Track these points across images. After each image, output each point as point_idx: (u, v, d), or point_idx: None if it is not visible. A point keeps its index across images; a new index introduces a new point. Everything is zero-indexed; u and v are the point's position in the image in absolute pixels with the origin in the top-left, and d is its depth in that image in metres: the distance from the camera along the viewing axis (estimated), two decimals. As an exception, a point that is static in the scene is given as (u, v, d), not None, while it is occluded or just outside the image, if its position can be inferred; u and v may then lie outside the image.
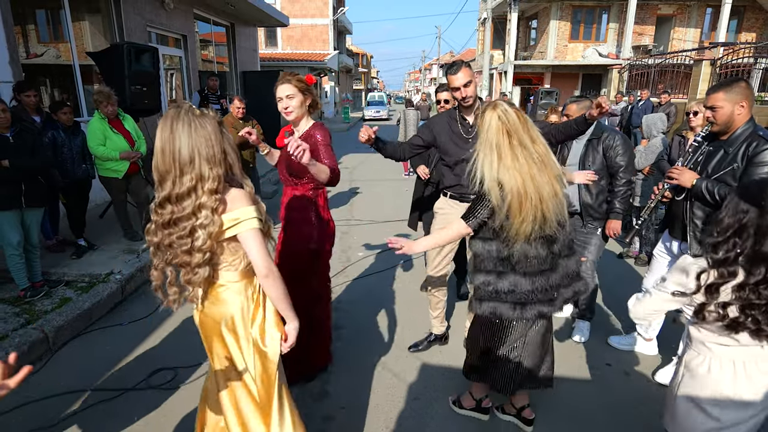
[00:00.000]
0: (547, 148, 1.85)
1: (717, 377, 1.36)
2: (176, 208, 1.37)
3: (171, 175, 1.36)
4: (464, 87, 2.44)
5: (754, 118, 2.25)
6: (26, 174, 3.23)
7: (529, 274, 1.85)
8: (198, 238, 1.38)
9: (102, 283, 3.70)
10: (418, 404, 2.49)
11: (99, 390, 2.57)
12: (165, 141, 1.35)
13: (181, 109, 1.38)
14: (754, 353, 1.33)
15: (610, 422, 2.36)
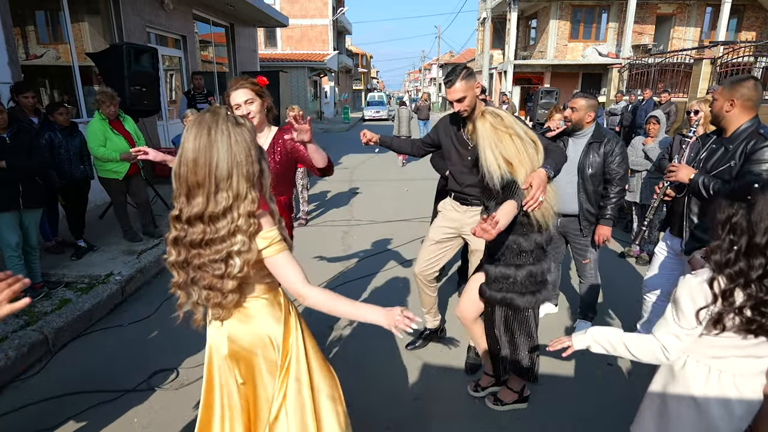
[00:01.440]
0: (536, 138, 2.03)
1: (690, 376, 1.36)
2: (209, 229, 1.23)
3: (203, 189, 1.21)
4: (457, 102, 2.35)
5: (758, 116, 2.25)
6: (23, 175, 3.22)
7: (539, 262, 2.03)
8: (234, 265, 1.25)
9: (102, 284, 3.69)
10: (419, 404, 2.48)
11: (99, 392, 2.56)
12: (200, 150, 1.20)
13: (218, 115, 1.24)
14: (735, 365, 1.32)
15: (611, 422, 2.35)
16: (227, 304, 1.33)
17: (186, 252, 1.29)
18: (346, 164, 10.73)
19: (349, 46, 38.53)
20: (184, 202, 1.25)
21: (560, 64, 18.62)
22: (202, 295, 1.32)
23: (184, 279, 1.32)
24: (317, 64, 20.53)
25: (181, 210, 1.25)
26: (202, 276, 1.29)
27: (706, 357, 1.35)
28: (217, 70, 10.60)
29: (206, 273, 1.28)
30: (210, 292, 1.30)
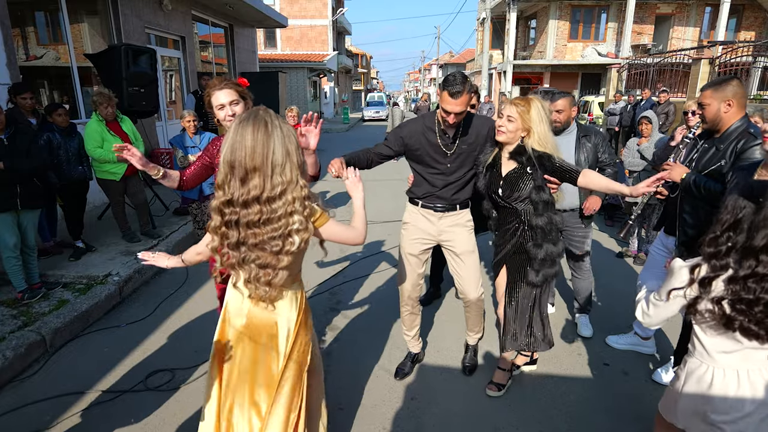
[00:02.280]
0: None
1: (721, 387, 1.36)
2: (265, 209, 1.37)
3: (260, 173, 1.35)
4: (457, 115, 2.22)
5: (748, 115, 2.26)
6: (21, 176, 3.23)
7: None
8: (293, 242, 1.41)
9: (100, 284, 3.70)
10: (415, 404, 2.49)
11: (96, 392, 2.56)
12: (258, 140, 1.35)
13: (269, 113, 1.41)
14: (758, 360, 1.34)
15: (608, 422, 2.35)
16: (277, 283, 1.45)
17: (241, 232, 1.40)
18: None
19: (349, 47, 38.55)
20: (238, 186, 1.36)
21: (559, 64, 18.64)
22: (253, 274, 1.43)
23: (237, 259, 1.42)
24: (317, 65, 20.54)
25: (233, 194, 1.37)
26: (257, 255, 1.41)
27: (726, 363, 1.37)
28: (216, 70, 10.61)
29: (263, 251, 1.41)
30: (263, 271, 1.42)
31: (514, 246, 2.34)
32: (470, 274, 2.49)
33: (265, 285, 1.45)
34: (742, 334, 1.28)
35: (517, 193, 2.24)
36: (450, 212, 2.48)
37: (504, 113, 2.21)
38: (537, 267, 2.26)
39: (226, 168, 1.37)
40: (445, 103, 2.19)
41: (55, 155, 3.94)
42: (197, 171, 2.25)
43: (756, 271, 1.22)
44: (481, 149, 2.39)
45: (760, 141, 2.07)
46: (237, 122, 1.39)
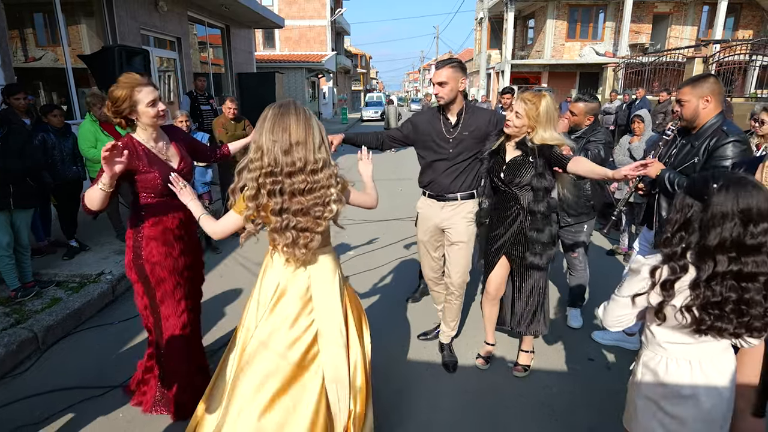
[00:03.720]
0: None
1: (675, 376, 1.36)
2: (310, 179, 1.57)
3: (303, 145, 1.55)
4: (438, 85, 2.47)
5: (732, 112, 2.30)
6: (14, 176, 3.26)
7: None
8: (332, 210, 1.62)
9: (93, 283, 3.74)
10: (402, 398, 2.52)
11: (85, 387, 2.60)
12: (300, 120, 1.56)
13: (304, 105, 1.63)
14: (710, 351, 1.34)
15: (589, 416, 2.39)
16: (313, 246, 1.65)
17: (286, 200, 1.58)
18: (342, 165, 10.70)
19: (348, 47, 38.58)
20: (279, 157, 1.54)
21: (557, 64, 18.65)
22: (293, 238, 1.62)
23: (280, 224, 1.60)
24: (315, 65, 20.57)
25: (277, 163, 1.55)
26: (299, 220, 1.60)
27: (680, 354, 1.36)
28: (213, 71, 10.65)
29: (305, 216, 1.61)
30: (303, 234, 1.62)
31: (514, 234, 2.45)
32: (459, 260, 2.66)
33: (302, 248, 1.63)
34: (714, 335, 1.26)
35: (519, 179, 2.37)
36: (451, 202, 2.64)
37: (513, 108, 2.33)
38: (540, 250, 2.39)
39: (267, 142, 1.55)
40: (432, 76, 2.52)
41: (50, 155, 3.98)
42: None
43: (716, 272, 1.20)
44: (483, 139, 2.54)
45: (732, 139, 2.11)
46: (275, 106, 1.59)
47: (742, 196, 1.17)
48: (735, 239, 1.17)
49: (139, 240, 2.13)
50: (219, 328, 3.27)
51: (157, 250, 2.13)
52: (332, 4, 25.75)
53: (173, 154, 2.20)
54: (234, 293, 3.88)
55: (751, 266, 1.17)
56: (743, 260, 1.17)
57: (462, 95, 2.55)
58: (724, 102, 2.30)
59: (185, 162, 2.23)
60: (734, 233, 1.17)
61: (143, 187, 2.08)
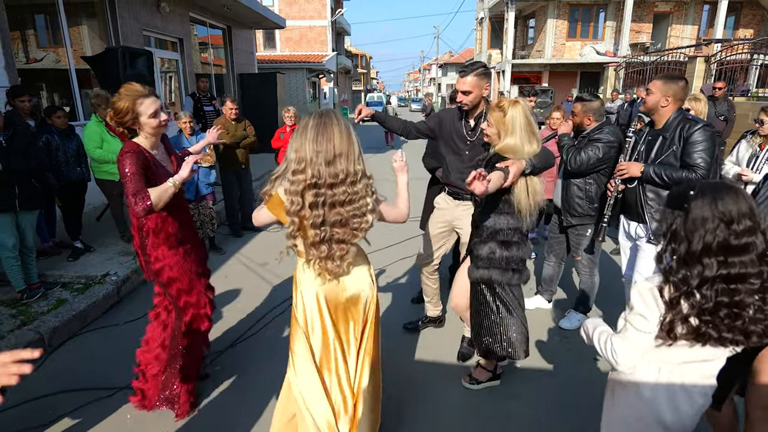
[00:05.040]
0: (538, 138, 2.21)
1: (641, 375, 1.36)
2: (350, 190, 1.57)
3: (345, 157, 1.55)
4: (462, 93, 2.51)
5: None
6: (19, 177, 3.27)
7: (520, 244, 2.21)
8: (368, 221, 1.62)
9: (98, 284, 3.74)
10: (406, 396, 2.52)
11: (92, 389, 2.60)
12: (343, 131, 1.56)
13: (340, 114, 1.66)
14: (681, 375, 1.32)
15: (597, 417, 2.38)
16: (348, 257, 1.65)
17: (325, 212, 1.57)
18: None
19: (349, 47, 38.58)
20: (323, 168, 1.53)
21: (558, 63, 18.64)
22: (327, 251, 1.61)
23: (319, 237, 1.59)
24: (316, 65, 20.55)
25: (321, 175, 1.54)
26: (336, 232, 1.60)
27: (656, 359, 1.35)
28: (214, 72, 10.65)
29: (343, 227, 1.60)
30: (339, 246, 1.61)
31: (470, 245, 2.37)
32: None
33: (338, 260, 1.63)
34: (715, 344, 1.25)
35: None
36: (465, 201, 2.69)
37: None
38: (478, 264, 2.24)
39: (310, 153, 1.53)
40: (457, 83, 2.54)
41: (54, 156, 3.99)
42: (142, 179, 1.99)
43: (705, 276, 1.19)
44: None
45: (701, 125, 2.37)
46: (315, 116, 1.58)
47: (720, 199, 1.19)
48: (720, 242, 1.17)
49: (146, 245, 2.18)
50: (222, 329, 3.28)
51: (164, 253, 2.19)
52: (332, 4, 25.74)
53: (168, 162, 2.26)
54: (238, 293, 3.88)
55: (738, 267, 1.17)
56: (730, 261, 1.17)
57: (485, 101, 2.57)
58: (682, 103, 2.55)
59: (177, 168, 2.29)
60: (719, 236, 1.17)
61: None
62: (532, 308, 3.51)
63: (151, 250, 2.18)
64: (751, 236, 1.16)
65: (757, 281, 1.17)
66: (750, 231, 1.16)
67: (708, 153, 2.34)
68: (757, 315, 1.19)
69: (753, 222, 1.17)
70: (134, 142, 2.06)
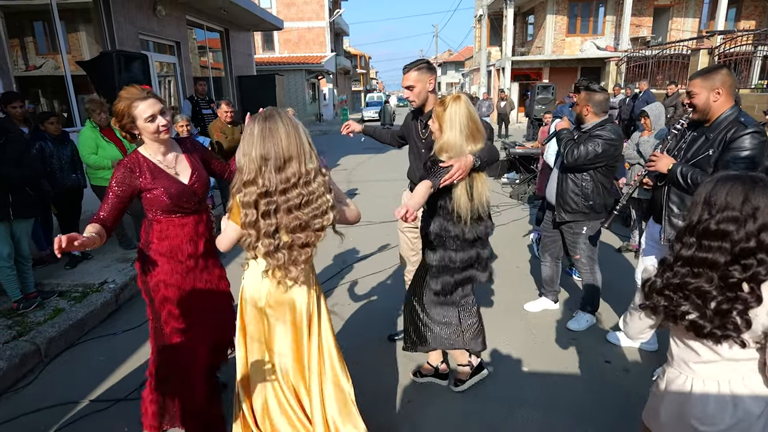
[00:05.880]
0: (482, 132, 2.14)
1: (701, 397, 1.30)
2: (305, 191, 1.51)
3: (296, 160, 1.50)
4: (406, 89, 2.56)
5: (740, 104, 2.24)
6: (12, 185, 3.21)
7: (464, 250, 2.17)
8: (329, 218, 1.56)
9: (95, 292, 3.68)
10: (411, 406, 2.45)
11: (90, 401, 2.54)
12: (290, 133, 1.50)
13: (286, 112, 1.58)
14: (739, 370, 1.27)
15: (609, 420, 2.31)
16: (309, 260, 1.60)
17: (278, 219, 1.52)
18: (345, 165, 10.71)
19: (347, 48, 38.53)
20: (273, 176, 1.49)
21: (558, 59, 18.51)
22: (286, 258, 1.57)
23: (274, 246, 1.55)
24: (315, 67, 20.53)
25: (271, 183, 1.50)
26: (298, 236, 1.55)
27: (706, 374, 1.30)
28: (213, 75, 10.60)
29: (304, 230, 1.55)
30: (303, 250, 1.57)
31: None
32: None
33: (303, 263, 1.58)
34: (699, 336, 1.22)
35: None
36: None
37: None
38: (433, 273, 2.26)
39: (258, 162, 1.49)
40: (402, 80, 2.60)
41: (48, 163, 3.92)
42: (112, 208, 1.85)
43: (680, 254, 1.22)
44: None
45: (751, 130, 2.05)
46: (260, 119, 1.52)
47: (715, 188, 1.19)
48: (702, 225, 1.18)
49: (146, 256, 2.00)
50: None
51: (162, 268, 1.99)
52: (330, 5, 25.70)
53: (184, 167, 2.03)
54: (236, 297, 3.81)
55: (704, 251, 1.17)
56: (702, 244, 1.18)
57: (434, 96, 2.59)
58: (735, 94, 2.22)
59: (197, 175, 2.04)
60: (702, 217, 1.19)
61: (149, 205, 1.95)
62: (538, 310, 3.43)
63: (149, 264, 2.00)
64: (730, 225, 1.14)
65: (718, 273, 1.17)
66: (732, 220, 1.14)
67: (749, 163, 2.03)
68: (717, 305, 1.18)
69: (740, 214, 1.13)
70: (135, 152, 1.97)
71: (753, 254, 1.12)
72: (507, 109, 15.51)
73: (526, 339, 3.08)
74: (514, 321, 3.32)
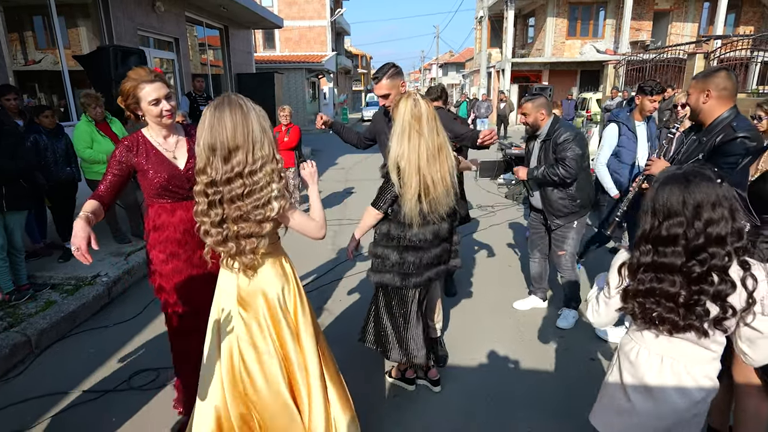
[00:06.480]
0: (445, 141, 2.06)
1: (644, 366, 1.37)
2: (248, 181, 1.48)
3: (243, 149, 1.47)
4: (382, 98, 2.62)
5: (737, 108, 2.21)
6: (6, 177, 3.23)
7: (415, 250, 2.12)
8: (273, 208, 1.52)
9: (88, 285, 3.70)
10: (398, 401, 2.47)
11: (79, 392, 2.56)
12: (237, 121, 1.47)
13: (241, 97, 1.54)
14: (685, 353, 1.32)
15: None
16: (260, 249, 1.56)
17: (224, 209, 1.51)
18: (342, 164, 10.73)
19: (348, 48, 38.55)
20: (219, 166, 1.48)
21: (558, 62, 18.57)
22: (236, 248, 1.55)
23: (223, 236, 1.54)
24: (315, 66, 20.52)
25: (217, 173, 1.48)
26: (242, 227, 1.52)
27: (656, 348, 1.36)
28: (212, 72, 10.62)
29: (247, 221, 1.52)
30: (248, 240, 1.54)
31: None
32: None
33: (250, 253, 1.55)
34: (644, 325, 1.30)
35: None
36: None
37: None
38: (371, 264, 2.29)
39: (207, 152, 1.48)
40: (374, 89, 2.66)
41: (42, 156, 3.94)
42: (110, 185, 1.90)
43: (641, 261, 1.26)
44: None
45: (740, 135, 2.02)
46: (211, 108, 1.50)
47: (656, 195, 1.23)
48: (654, 232, 1.23)
49: (147, 244, 2.04)
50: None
51: (157, 257, 2.01)
52: (332, 4, 25.71)
53: (183, 153, 2.02)
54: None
55: (661, 257, 1.22)
56: (658, 250, 1.22)
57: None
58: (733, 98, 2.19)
59: (194, 162, 2.12)
60: (653, 225, 1.23)
61: (143, 187, 1.96)
62: (527, 309, 3.45)
63: (150, 252, 2.04)
64: (677, 229, 1.19)
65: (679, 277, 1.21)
66: (678, 225, 1.19)
67: (735, 168, 1.97)
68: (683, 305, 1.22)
69: (684, 217, 1.18)
70: (138, 132, 2.00)
71: (704, 249, 1.17)
72: (506, 111, 15.55)
73: (514, 337, 3.10)
74: (503, 319, 3.34)
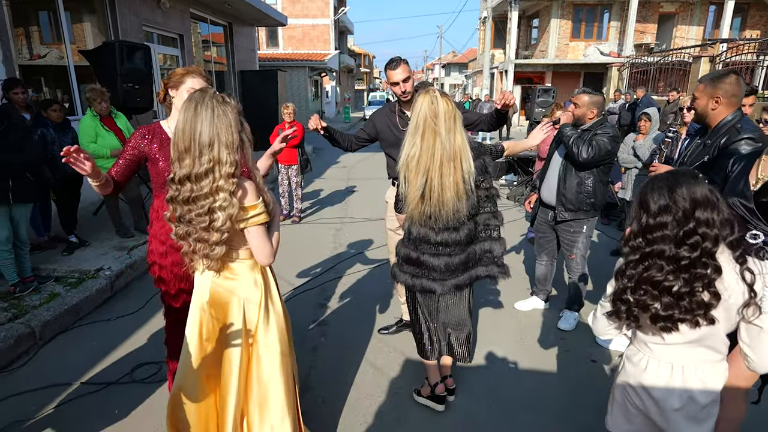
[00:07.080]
0: (464, 145, 1.91)
1: (653, 375, 1.37)
2: (195, 187, 1.44)
3: (190, 153, 1.43)
4: (403, 82, 2.58)
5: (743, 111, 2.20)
6: (13, 170, 3.25)
7: (434, 255, 2.03)
8: (217, 218, 1.45)
9: (91, 279, 3.72)
10: (399, 398, 2.48)
11: (82, 384, 2.58)
12: (187, 121, 1.43)
13: (206, 93, 1.46)
14: (695, 358, 1.32)
15: (593, 420, 2.34)
16: (214, 256, 1.52)
17: (180, 208, 1.49)
18: (344, 163, 10.74)
19: (351, 46, 38.55)
20: (177, 165, 1.46)
21: (561, 64, 18.54)
22: (193, 247, 1.52)
23: (183, 231, 1.52)
24: (318, 64, 20.51)
25: (175, 172, 1.46)
26: (192, 229, 1.50)
27: (666, 357, 1.36)
28: (216, 69, 10.63)
29: (195, 227, 1.49)
30: (199, 244, 1.50)
31: None
32: None
33: (202, 257, 1.53)
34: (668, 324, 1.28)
35: None
36: None
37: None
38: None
39: (172, 148, 1.48)
40: (391, 77, 2.59)
41: (49, 150, 3.95)
42: (123, 168, 1.99)
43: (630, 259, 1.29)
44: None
45: (744, 136, 2.02)
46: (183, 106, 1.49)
47: (647, 186, 1.26)
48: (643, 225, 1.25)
49: (149, 235, 2.11)
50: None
51: (156, 249, 2.05)
52: (335, 3, 25.70)
53: None
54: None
55: (650, 244, 1.23)
56: (647, 238, 1.24)
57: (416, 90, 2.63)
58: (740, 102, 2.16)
59: None
60: (642, 220, 1.25)
61: (152, 177, 2.03)
62: (528, 309, 3.47)
63: (150, 243, 2.09)
64: (666, 216, 1.20)
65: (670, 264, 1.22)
66: (665, 210, 1.21)
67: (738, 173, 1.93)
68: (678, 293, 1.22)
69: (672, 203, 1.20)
70: (156, 122, 2.10)
71: (695, 232, 1.18)
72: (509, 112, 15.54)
73: (514, 337, 3.12)
74: (504, 320, 3.36)
